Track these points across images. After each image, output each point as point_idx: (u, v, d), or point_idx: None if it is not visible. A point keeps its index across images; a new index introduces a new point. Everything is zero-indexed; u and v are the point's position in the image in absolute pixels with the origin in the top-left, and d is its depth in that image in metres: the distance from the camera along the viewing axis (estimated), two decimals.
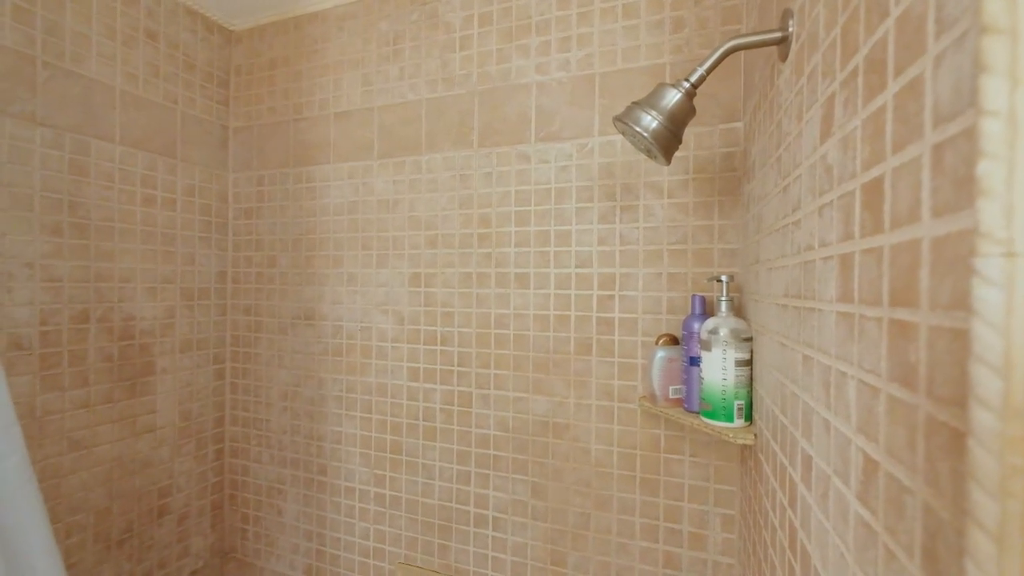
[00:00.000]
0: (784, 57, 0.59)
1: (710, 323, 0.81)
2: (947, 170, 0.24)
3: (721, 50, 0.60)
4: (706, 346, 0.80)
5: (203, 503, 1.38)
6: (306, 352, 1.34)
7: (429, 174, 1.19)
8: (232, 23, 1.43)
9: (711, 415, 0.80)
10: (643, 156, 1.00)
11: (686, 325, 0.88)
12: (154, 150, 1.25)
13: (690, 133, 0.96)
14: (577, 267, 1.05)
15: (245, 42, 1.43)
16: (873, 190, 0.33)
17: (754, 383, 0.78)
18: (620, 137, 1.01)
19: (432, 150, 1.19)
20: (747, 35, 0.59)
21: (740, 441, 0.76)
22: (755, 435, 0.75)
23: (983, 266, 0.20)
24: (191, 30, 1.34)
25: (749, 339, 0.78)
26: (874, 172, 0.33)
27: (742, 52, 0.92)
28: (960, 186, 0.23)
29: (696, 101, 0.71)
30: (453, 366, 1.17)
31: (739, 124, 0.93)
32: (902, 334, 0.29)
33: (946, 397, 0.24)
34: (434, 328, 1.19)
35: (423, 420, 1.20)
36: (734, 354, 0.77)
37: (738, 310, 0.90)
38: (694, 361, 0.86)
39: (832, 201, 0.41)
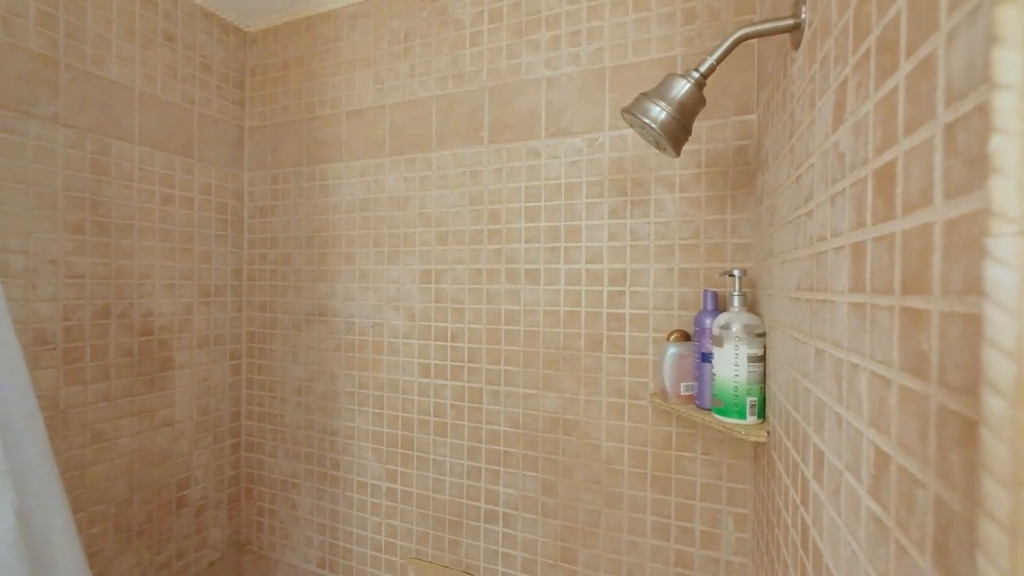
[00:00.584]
0: (797, 45, 0.57)
1: (722, 318, 0.79)
2: (960, 149, 0.23)
3: (732, 39, 0.59)
4: (718, 342, 0.79)
5: (220, 496, 1.41)
6: (319, 348, 1.36)
7: (440, 171, 1.20)
8: (247, 24, 1.46)
9: (723, 412, 0.78)
10: (654, 150, 0.99)
11: (698, 321, 0.87)
12: (172, 150, 1.27)
13: (702, 126, 0.95)
14: (587, 263, 1.05)
15: (260, 43, 1.45)
16: (885, 175, 0.32)
17: (767, 379, 0.76)
18: (631, 131, 1.00)
19: (442, 147, 1.19)
20: (758, 23, 0.58)
21: (753, 438, 0.74)
22: (768, 432, 0.74)
23: (995, 246, 0.20)
24: (207, 32, 1.36)
25: (762, 335, 0.77)
26: (886, 156, 0.32)
27: (755, 44, 0.91)
28: (973, 165, 0.22)
29: (708, 94, 0.70)
30: (463, 362, 1.17)
31: (752, 116, 0.92)
32: (914, 322, 0.28)
33: (958, 385, 0.23)
34: (444, 324, 1.19)
35: (434, 416, 1.21)
36: (746, 350, 0.76)
37: (751, 305, 0.89)
38: (706, 357, 0.84)
39: (844, 189, 0.40)
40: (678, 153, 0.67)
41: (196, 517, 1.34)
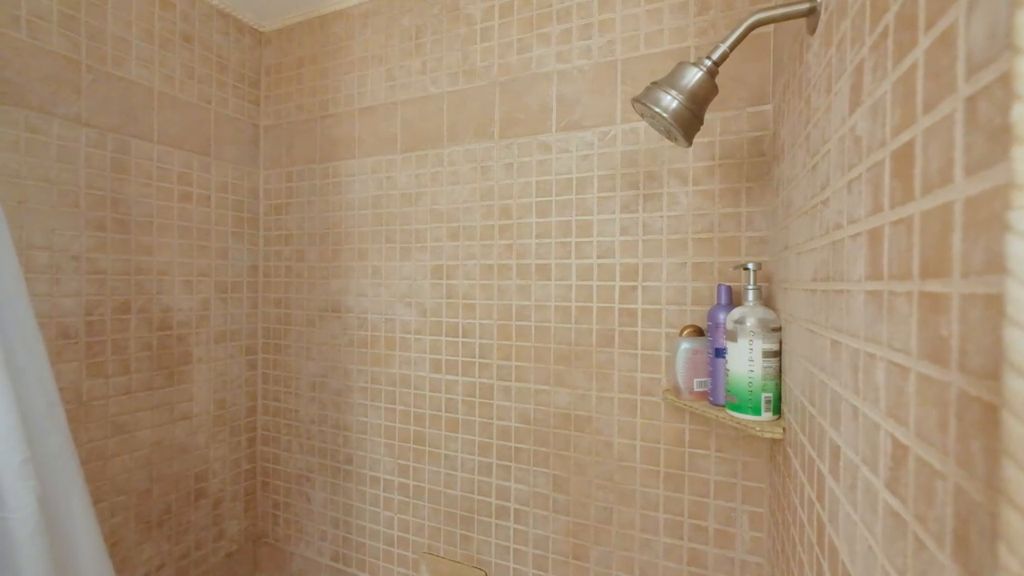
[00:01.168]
0: (813, 30, 0.56)
1: (736, 313, 0.78)
2: (981, 122, 0.22)
3: (745, 25, 0.57)
4: (732, 337, 0.77)
5: (237, 489, 1.44)
6: (333, 344, 1.37)
7: (451, 167, 1.20)
8: (262, 24, 1.48)
9: (737, 408, 0.77)
10: (667, 143, 0.97)
11: (711, 315, 0.85)
12: (190, 148, 1.30)
13: (716, 118, 0.93)
14: (599, 258, 1.04)
15: (274, 42, 1.47)
16: (903, 156, 0.31)
17: (783, 375, 0.75)
18: (643, 124, 0.99)
19: (453, 143, 1.20)
20: (773, 8, 0.57)
21: (768, 435, 0.73)
22: (784, 428, 0.72)
23: (1019, 220, 0.19)
24: (223, 32, 1.38)
25: (778, 329, 0.75)
26: (904, 136, 0.31)
27: (771, 33, 0.89)
28: (995, 137, 0.21)
29: (723, 85, 0.69)
30: (475, 358, 1.17)
31: (768, 107, 0.90)
32: (933, 307, 0.27)
33: (979, 369, 0.22)
34: (456, 320, 1.19)
35: (445, 411, 1.21)
36: (761, 344, 0.74)
37: (767, 300, 0.87)
38: (720, 353, 0.83)
39: (861, 174, 0.39)
40: (690, 143, 0.65)
41: (213, 509, 1.37)
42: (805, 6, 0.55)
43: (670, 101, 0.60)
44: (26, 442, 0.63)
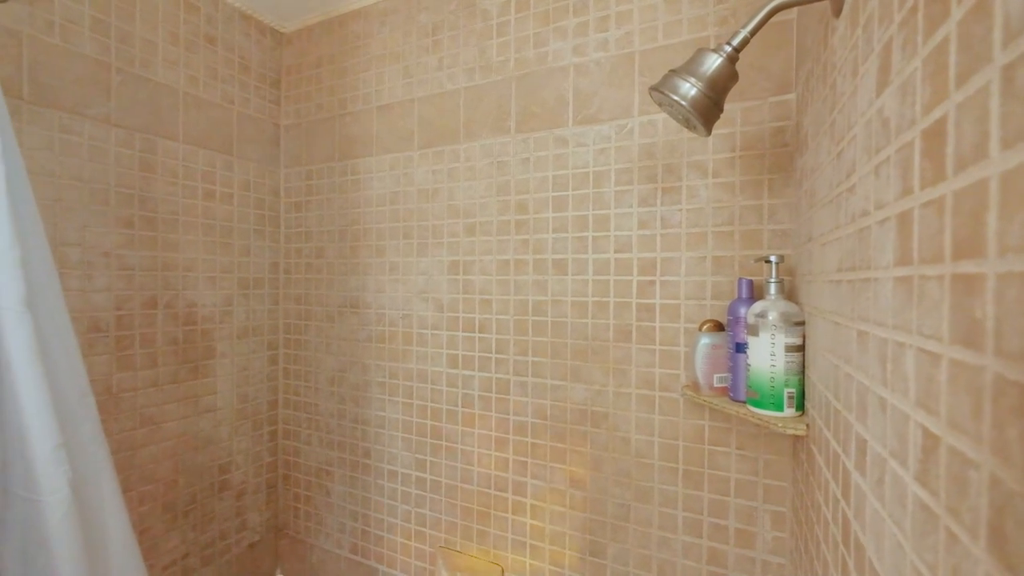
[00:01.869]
0: (838, 12, 0.54)
1: (757, 307, 0.76)
2: (1018, 92, 0.21)
3: (767, 8, 0.56)
4: (753, 331, 0.76)
5: (259, 481, 1.47)
6: (351, 339, 1.39)
7: (467, 162, 1.20)
8: (283, 25, 1.50)
9: (758, 404, 0.75)
10: (686, 135, 0.96)
11: (732, 310, 0.84)
12: (213, 148, 1.33)
13: (737, 108, 0.91)
14: (616, 252, 1.02)
15: (295, 43, 1.50)
16: (934, 134, 0.29)
17: (806, 370, 0.73)
18: (662, 116, 0.98)
19: (470, 138, 1.20)
20: None
21: (790, 431, 0.71)
22: (807, 425, 0.70)
23: None
24: (246, 34, 1.41)
25: (801, 323, 0.73)
26: (935, 114, 0.29)
27: (794, 21, 0.86)
28: None
29: (744, 74, 0.67)
30: (491, 353, 1.17)
31: (791, 96, 0.87)
32: (966, 289, 0.25)
33: (1017, 352, 0.21)
34: (472, 315, 1.19)
35: (462, 407, 1.21)
36: (783, 339, 0.72)
37: (789, 294, 0.85)
38: (740, 347, 0.81)
39: (889, 157, 0.37)
40: (709, 132, 0.64)
41: (237, 500, 1.40)
42: None
43: (688, 88, 0.59)
44: (59, 429, 0.65)
